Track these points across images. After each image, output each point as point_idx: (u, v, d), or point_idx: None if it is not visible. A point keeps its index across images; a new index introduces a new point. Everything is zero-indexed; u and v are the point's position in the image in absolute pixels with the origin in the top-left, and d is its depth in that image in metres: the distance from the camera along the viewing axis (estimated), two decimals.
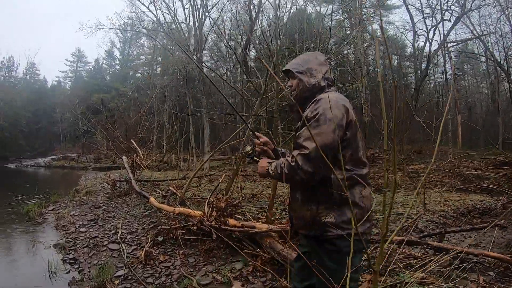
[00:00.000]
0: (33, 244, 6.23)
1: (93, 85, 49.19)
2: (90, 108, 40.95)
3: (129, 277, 4.40)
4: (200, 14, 23.89)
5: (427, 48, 23.02)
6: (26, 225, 7.87)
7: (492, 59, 23.26)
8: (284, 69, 2.38)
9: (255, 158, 2.39)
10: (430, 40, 22.54)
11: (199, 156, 22.29)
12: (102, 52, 57.76)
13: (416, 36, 24.10)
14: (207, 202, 5.30)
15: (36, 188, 13.18)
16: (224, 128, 25.78)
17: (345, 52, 22.63)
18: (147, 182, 10.38)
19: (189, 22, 25.08)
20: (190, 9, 24.06)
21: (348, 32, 26.02)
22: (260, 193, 8.38)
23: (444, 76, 27.51)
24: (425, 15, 22.59)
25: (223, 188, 7.09)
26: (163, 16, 25.54)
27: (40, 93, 55.78)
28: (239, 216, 5.34)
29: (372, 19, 24.49)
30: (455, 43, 24.87)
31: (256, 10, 22.89)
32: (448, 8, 21.12)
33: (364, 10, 24.66)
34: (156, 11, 24.61)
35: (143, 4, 24.43)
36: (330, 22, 28.13)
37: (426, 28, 22.81)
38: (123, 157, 11.06)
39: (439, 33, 22.12)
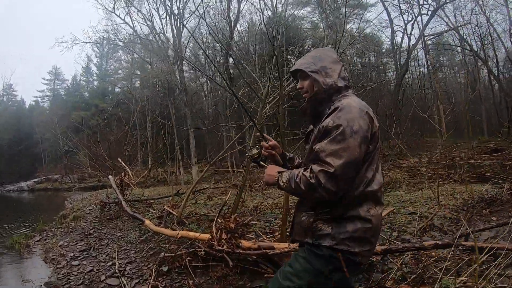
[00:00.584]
0: (22, 283, 5.62)
1: (72, 102, 48.16)
2: (70, 126, 39.86)
3: None
4: (178, 23, 23.49)
5: (404, 43, 23.33)
6: (13, 259, 7.24)
7: (469, 49, 23.51)
8: (293, 69, 2.16)
9: (261, 163, 2.22)
10: (409, 35, 22.85)
11: (186, 167, 21.82)
12: (80, 68, 56.41)
13: (394, 32, 24.38)
14: (214, 223, 4.78)
15: (21, 217, 12.50)
16: (209, 137, 25.36)
17: None
18: (138, 202, 9.80)
19: (166, 32, 24.67)
20: (167, 19, 23.67)
21: (324, 33, 26.08)
22: (260, 204, 7.95)
23: (426, 69, 27.74)
24: (402, 10, 22.72)
25: (228, 205, 6.60)
26: (140, 27, 25.07)
27: (18, 114, 54.24)
28: (251, 236, 4.88)
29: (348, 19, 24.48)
30: (433, 36, 25.09)
31: (235, 17, 22.68)
32: (425, 2, 21.37)
33: (342, 9, 24.74)
34: (133, 23, 24.20)
35: (118, 16, 24.08)
36: (306, 24, 28.22)
37: (404, 23, 23.09)
38: (110, 176, 10.49)
39: (418, 27, 22.34)
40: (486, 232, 4.77)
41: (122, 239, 6.86)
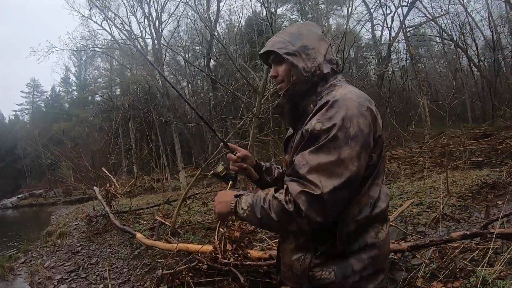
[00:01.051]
0: None
1: (52, 114, 47.99)
2: (52, 139, 39.16)
3: None
4: (157, 26, 23.04)
5: (384, 36, 23.39)
6: None
7: (448, 39, 23.67)
8: (263, 50, 1.61)
9: (230, 182, 1.77)
10: (389, 28, 22.87)
11: (172, 174, 21.36)
12: (58, 78, 55.62)
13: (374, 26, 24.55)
14: (216, 233, 4.32)
15: (6, 236, 11.95)
16: (194, 141, 24.97)
17: None
18: (127, 213, 9.27)
19: (145, 36, 24.16)
20: (146, 22, 23.21)
21: None
22: None
23: (406, 61, 27.83)
24: (381, 3, 22.71)
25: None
26: (118, 33, 24.50)
27: None
28: (258, 244, 4.47)
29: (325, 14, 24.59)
30: (412, 28, 25.16)
31: (215, 18, 22.40)
32: None
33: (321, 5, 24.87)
34: (110, 28, 23.66)
35: (95, 22, 23.55)
36: (284, 23, 28.18)
37: (384, 15, 23.04)
38: (95, 188, 9.97)
39: (398, 19, 22.33)
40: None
41: (113, 256, 6.35)
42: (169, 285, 4.28)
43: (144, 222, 8.14)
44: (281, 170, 1.89)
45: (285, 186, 1.33)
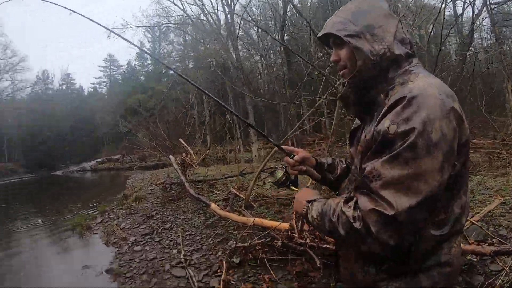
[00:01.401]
0: (82, 270, 5.28)
1: (128, 87, 50.08)
2: (128, 110, 41.16)
3: None
4: (229, 1, 22.84)
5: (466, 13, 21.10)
6: (75, 242, 7.13)
7: None
8: (321, 33, 1.36)
9: (291, 186, 1.63)
10: (472, 3, 20.64)
11: (245, 146, 21.51)
12: (134, 53, 58.12)
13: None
14: (294, 212, 4.07)
15: (84, 196, 12.76)
16: (268, 114, 24.90)
17: None
18: (201, 183, 9.32)
19: (217, 11, 24.11)
20: None
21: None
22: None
23: (493, 40, 25.23)
24: None
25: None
26: (190, 8, 24.75)
27: (78, 101, 58.01)
28: None
29: None
30: (497, 5, 22.57)
31: None
32: None
33: None
34: (182, 4, 23.91)
35: None
36: None
37: None
38: (170, 156, 10.13)
39: None
40: None
41: (186, 223, 6.38)
42: (241, 258, 4.19)
43: (218, 192, 8.13)
44: (344, 165, 1.69)
45: (354, 198, 1.15)
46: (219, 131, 21.30)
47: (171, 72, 41.22)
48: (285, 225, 4.07)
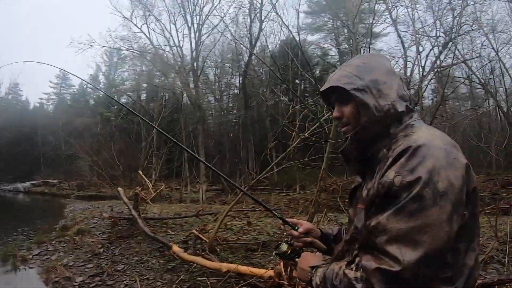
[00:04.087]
0: None
1: (76, 109, 47.96)
2: (73, 132, 39.24)
3: None
4: (196, 37, 23.32)
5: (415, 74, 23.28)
6: (8, 276, 6.34)
7: (478, 82, 23.50)
8: (327, 86, 1.35)
9: (296, 259, 1.55)
10: (423, 66, 22.70)
11: (191, 184, 20.99)
12: (88, 74, 56.43)
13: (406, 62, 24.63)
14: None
15: (16, 220, 11.62)
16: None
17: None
18: (152, 220, 8.73)
19: (182, 46, 24.31)
20: (185, 31, 23.33)
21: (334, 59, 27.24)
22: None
23: (431, 101, 27.90)
24: (418, 41, 22.70)
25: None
26: (156, 38, 24.61)
27: (21, 114, 54.26)
28: None
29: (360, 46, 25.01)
30: (443, 68, 25.14)
31: (256, 36, 22.53)
32: (440, 35, 21.35)
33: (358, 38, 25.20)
34: (149, 33, 23.86)
35: (135, 25, 23.94)
36: (316, 50, 29.07)
37: (418, 52, 22.87)
38: (119, 188, 9.55)
39: (431, 58, 22.21)
40: None
41: (142, 265, 5.84)
42: None
43: (173, 233, 7.61)
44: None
45: (357, 259, 1.15)
46: (167, 166, 20.65)
47: (122, 99, 40.44)
48: (270, 272, 3.75)
